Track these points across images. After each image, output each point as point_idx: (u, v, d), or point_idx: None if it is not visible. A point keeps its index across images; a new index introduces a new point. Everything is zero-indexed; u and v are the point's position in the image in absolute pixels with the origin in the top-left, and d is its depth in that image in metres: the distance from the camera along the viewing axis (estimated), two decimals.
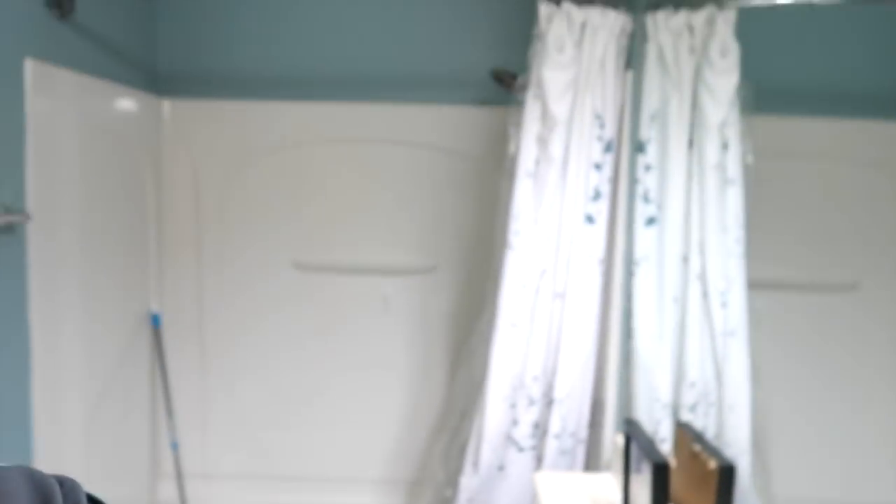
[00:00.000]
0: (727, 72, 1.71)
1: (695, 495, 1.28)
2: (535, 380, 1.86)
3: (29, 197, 1.72)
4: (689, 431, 1.35)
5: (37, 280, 1.75)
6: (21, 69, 1.69)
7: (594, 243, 1.82)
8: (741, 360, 1.75)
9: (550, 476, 1.79)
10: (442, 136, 2.46)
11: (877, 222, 2.40)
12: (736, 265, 1.76)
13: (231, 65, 2.46)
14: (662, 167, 1.76)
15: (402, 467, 2.59)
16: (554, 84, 1.77)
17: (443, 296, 2.53)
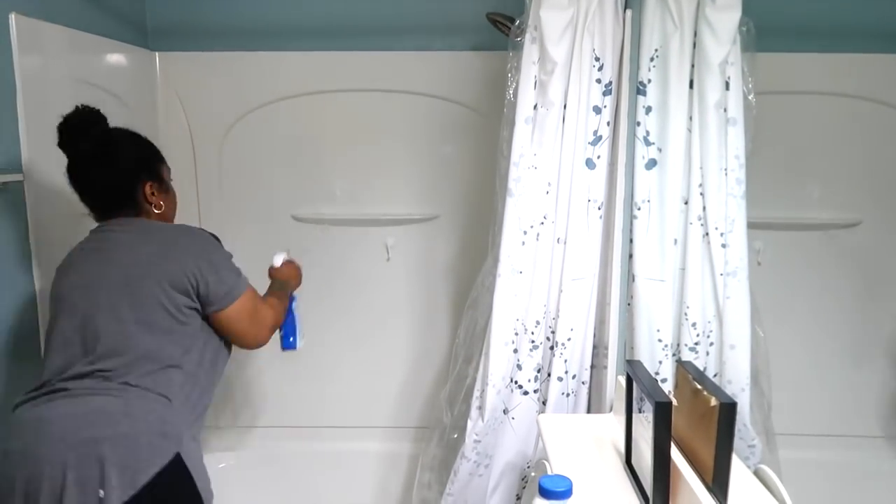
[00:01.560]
0: (729, 8, 1.67)
1: (697, 432, 1.30)
2: (538, 324, 1.88)
3: (24, 155, 1.71)
4: (690, 370, 1.37)
5: (36, 239, 1.76)
6: (6, 25, 1.66)
7: (594, 187, 1.82)
8: (741, 300, 1.76)
9: (554, 418, 1.82)
10: (439, 83, 2.43)
11: (879, 158, 2.39)
12: (736, 206, 1.75)
13: (222, 16, 2.41)
14: (663, 108, 1.74)
15: (408, 413, 2.64)
16: (552, 25, 1.73)
17: (445, 244, 2.54)
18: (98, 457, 1.28)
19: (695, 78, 1.73)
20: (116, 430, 1.31)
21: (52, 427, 1.31)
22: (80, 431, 1.30)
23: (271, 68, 2.43)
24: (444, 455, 2.10)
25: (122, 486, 1.27)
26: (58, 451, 1.28)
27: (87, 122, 1.53)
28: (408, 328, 2.62)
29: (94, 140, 1.52)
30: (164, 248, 1.50)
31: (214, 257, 1.54)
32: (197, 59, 2.43)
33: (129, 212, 1.57)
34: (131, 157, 1.58)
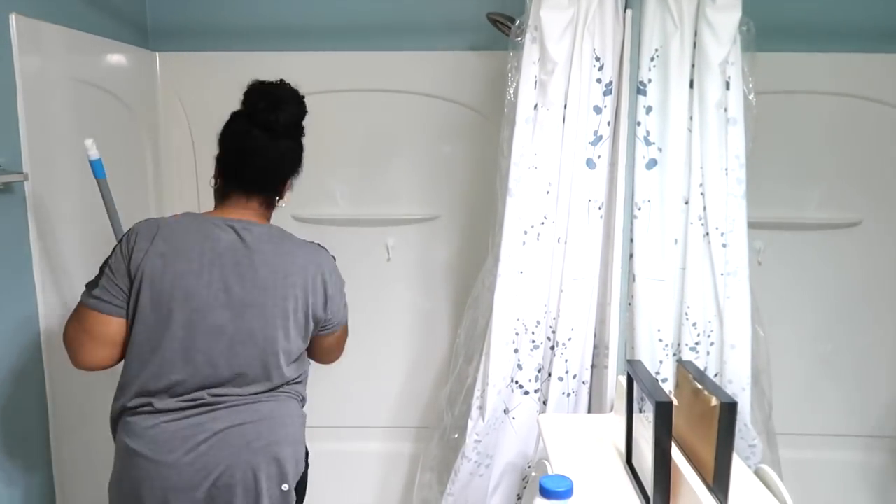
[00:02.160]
0: (729, 7, 1.67)
1: (697, 432, 1.30)
2: (538, 324, 1.88)
3: (25, 156, 1.71)
4: (690, 370, 1.37)
5: (38, 238, 1.76)
6: (7, 25, 1.66)
7: (595, 187, 1.82)
8: (742, 300, 1.76)
9: (555, 418, 1.82)
10: (439, 83, 2.43)
11: (879, 158, 2.39)
12: (737, 205, 1.75)
13: (223, 17, 2.41)
14: (663, 108, 1.74)
15: (408, 413, 2.64)
16: (552, 25, 1.74)
17: (445, 244, 2.54)
18: (279, 457, 1.42)
19: (695, 78, 1.74)
20: (287, 430, 1.46)
21: (231, 437, 1.39)
22: (261, 438, 1.41)
23: (272, 69, 2.41)
24: (445, 455, 2.10)
25: (294, 476, 1.45)
26: (245, 456, 1.39)
27: (290, 95, 1.51)
28: (408, 328, 2.61)
29: (292, 117, 1.50)
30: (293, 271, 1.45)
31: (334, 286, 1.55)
32: (197, 59, 2.43)
33: (272, 195, 1.52)
34: (300, 149, 1.56)
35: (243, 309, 1.39)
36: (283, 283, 1.42)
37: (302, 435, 1.52)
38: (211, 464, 1.37)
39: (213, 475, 1.37)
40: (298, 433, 1.50)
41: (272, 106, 1.47)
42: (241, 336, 1.39)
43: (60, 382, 1.85)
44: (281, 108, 1.47)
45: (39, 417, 1.80)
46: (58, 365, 1.84)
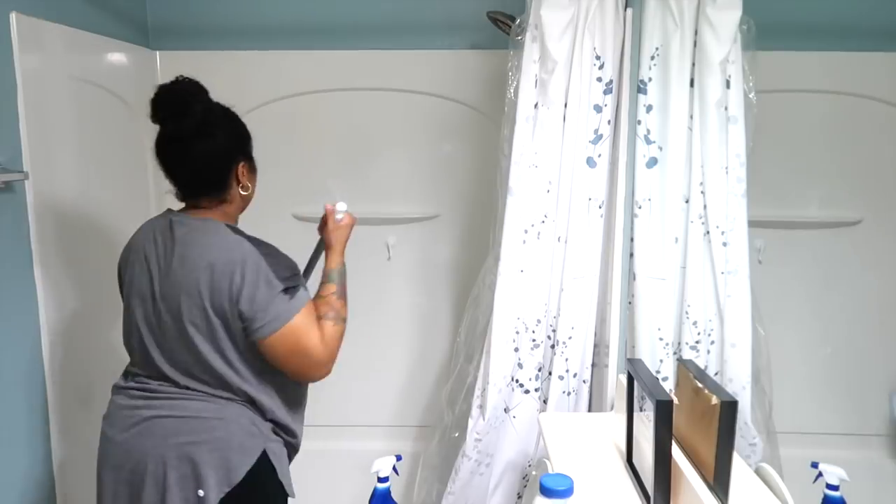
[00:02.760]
0: (730, 6, 1.67)
1: (698, 430, 1.30)
2: (539, 323, 1.88)
3: (25, 155, 1.71)
4: (691, 368, 1.37)
5: (39, 237, 1.76)
6: (7, 24, 1.66)
7: (595, 186, 1.82)
8: (742, 299, 1.76)
9: (555, 417, 1.83)
10: (439, 82, 2.43)
11: (879, 157, 2.39)
12: (737, 204, 1.75)
13: (223, 15, 2.42)
14: (664, 107, 1.74)
15: (409, 412, 2.64)
16: (552, 24, 1.74)
17: (446, 243, 2.54)
18: (194, 459, 1.38)
19: (695, 76, 1.74)
20: (213, 434, 1.40)
21: (154, 428, 1.41)
22: (180, 434, 1.39)
23: (272, 67, 2.43)
24: (446, 454, 2.10)
25: (219, 485, 1.38)
26: (160, 449, 1.39)
27: (190, 94, 1.44)
28: (409, 327, 2.61)
29: (198, 117, 1.43)
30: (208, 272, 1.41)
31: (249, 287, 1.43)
32: (198, 58, 2.43)
33: (218, 194, 1.48)
34: (231, 135, 1.49)
35: (161, 302, 1.43)
36: (189, 278, 1.39)
37: (245, 444, 1.42)
38: (135, 448, 1.41)
39: (133, 460, 1.41)
40: (234, 440, 1.41)
41: (175, 115, 1.43)
42: (164, 329, 1.43)
43: (60, 381, 1.86)
44: (184, 114, 1.43)
45: (40, 416, 1.80)
46: (58, 363, 1.85)
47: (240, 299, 1.37)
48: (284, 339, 1.41)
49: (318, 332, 1.45)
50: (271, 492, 1.48)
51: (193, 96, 1.45)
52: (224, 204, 1.50)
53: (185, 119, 1.42)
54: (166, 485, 1.37)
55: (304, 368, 1.47)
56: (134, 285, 1.48)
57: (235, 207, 1.53)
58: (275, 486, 1.48)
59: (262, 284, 1.38)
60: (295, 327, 1.41)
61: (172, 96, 1.44)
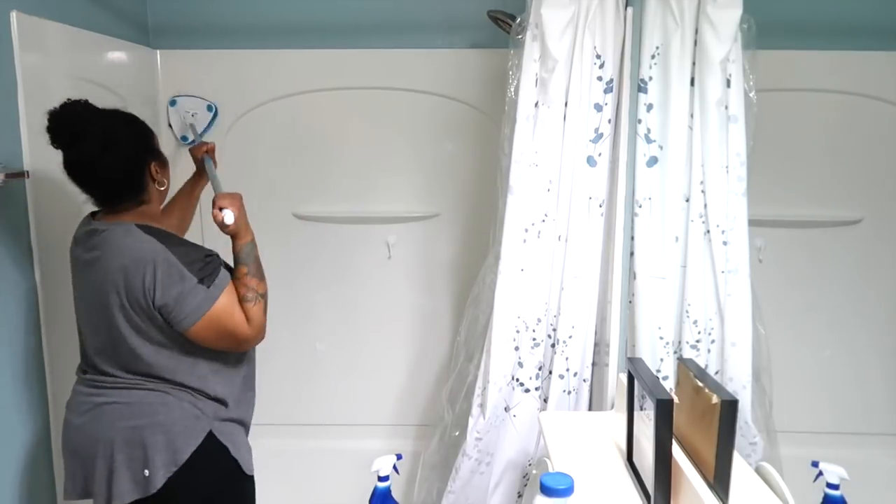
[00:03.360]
0: (730, 5, 1.67)
1: (698, 429, 1.30)
2: (539, 322, 1.88)
3: (25, 153, 1.71)
4: (691, 367, 1.37)
5: (39, 236, 1.76)
6: (8, 22, 1.66)
7: (596, 185, 1.82)
8: (743, 298, 1.76)
9: (555, 415, 1.82)
10: (440, 81, 2.43)
11: (880, 156, 2.39)
12: (737, 203, 1.75)
13: (224, 14, 2.42)
14: (664, 106, 1.74)
15: (409, 411, 2.64)
16: (553, 23, 1.73)
17: (446, 242, 2.54)
18: (141, 441, 1.47)
19: (696, 75, 1.73)
20: (156, 418, 1.48)
21: (104, 413, 1.51)
22: (127, 419, 1.49)
23: (272, 66, 2.43)
24: (446, 453, 2.10)
25: (166, 465, 1.47)
26: (109, 433, 1.48)
27: (81, 119, 1.46)
28: (409, 326, 2.61)
29: (96, 139, 1.46)
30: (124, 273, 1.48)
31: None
32: (198, 56, 2.43)
33: (135, 198, 1.53)
34: (133, 141, 1.52)
35: (91, 307, 1.53)
36: (108, 282, 1.47)
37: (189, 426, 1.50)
38: (88, 432, 1.51)
39: (86, 443, 1.51)
40: (178, 423, 1.49)
41: (72, 139, 1.46)
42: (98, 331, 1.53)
43: (61, 379, 1.85)
44: (81, 137, 1.46)
45: (40, 415, 1.80)
46: (58, 361, 1.85)
47: (155, 297, 1.44)
48: (208, 326, 1.48)
49: (240, 315, 1.52)
50: (227, 470, 1.57)
51: (85, 119, 1.48)
52: (143, 205, 1.56)
53: (83, 142, 1.45)
54: (114, 466, 1.47)
55: (234, 347, 1.56)
56: (76, 290, 1.59)
57: (155, 203, 1.60)
58: (229, 464, 1.56)
59: (176, 279, 1.45)
60: (216, 314, 1.48)
61: (65, 121, 1.47)
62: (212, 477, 1.54)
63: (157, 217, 1.61)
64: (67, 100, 1.49)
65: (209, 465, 1.52)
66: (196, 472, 1.49)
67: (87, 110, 1.49)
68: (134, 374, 1.51)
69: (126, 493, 1.47)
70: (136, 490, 1.47)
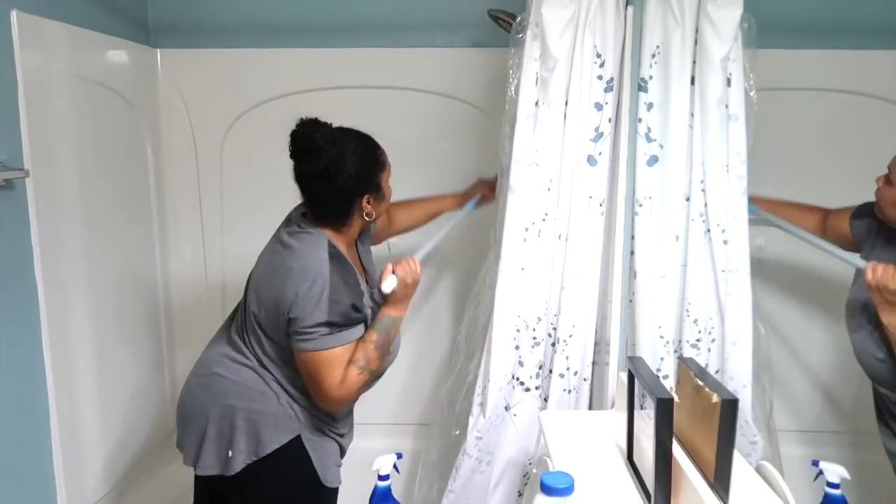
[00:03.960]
0: (730, 4, 1.67)
1: (698, 429, 1.30)
2: (539, 321, 1.88)
3: (26, 152, 1.71)
4: (691, 367, 1.37)
5: (39, 235, 1.76)
6: (8, 22, 1.66)
7: (596, 184, 1.82)
8: (743, 297, 1.76)
9: (556, 415, 1.82)
10: (440, 80, 2.43)
11: (880, 155, 2.38)
12: (738, 202, 1.75)
13: (224, 13, 2.42)
14: (664, 105, 1.74)
15: (409, 410, 2.64)
16: (553, 22, 1.73)
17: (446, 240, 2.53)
18: (232, 421, 1.54)
19: (696, 74, 1.73)
20: (251, 405, 1.54)
21: (212, 384, 1.59)
22: (228, 396, 1.56)
23: (273, 65, 2.43)
24: (446, 452, 2.10)
25: (248, 452, 1.53)
26: (209, 405, 1.57)
27: (317, 141, 1.53)
28: (409, 325, 2.60)
29: (322, 162, 1.53)
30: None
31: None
32: (199, 56, 2.43)
33: (337, 223, 1.61)
34: (354, 174, 1.57)
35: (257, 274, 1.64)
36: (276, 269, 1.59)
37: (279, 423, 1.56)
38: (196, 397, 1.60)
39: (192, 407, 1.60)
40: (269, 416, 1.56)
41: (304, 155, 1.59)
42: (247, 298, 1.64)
43: (62, 380, 1.86)
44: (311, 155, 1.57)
45: (41, 416, 1.80)
46: (59, 362, 1.85)
47: (292, 307, 1.49)
48: (306, 363, 1.52)
49: (340, 374, 1.53)
50: (303, 477, 1.59)
51: (320, 143, 1.53)
52: (344, 227, 1.63)
53: (312, 160, 1.54)
54: (206, 436, 1.54)
55: (314, 394, 1.57)
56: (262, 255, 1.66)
57: (356, 227, 1.66)
58: (307, 473, 1.59)
59: (314, 308, 1.48)
60: (318, 358, 1.51)
61: (302, 135, 1.54)
62: (288, 479, 1.57)
63: (354, 238, 1.68)
64: (314, 119, 1.56)
65: (289, 467, 1.56)
66: (275, 468, 1.54)
67: (327, 134, 1.54)
68: (251, 355, 1.58)
69: (209, 466, 1.54)
70: (217, 466, 1.54)
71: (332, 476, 1.65)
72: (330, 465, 1.64)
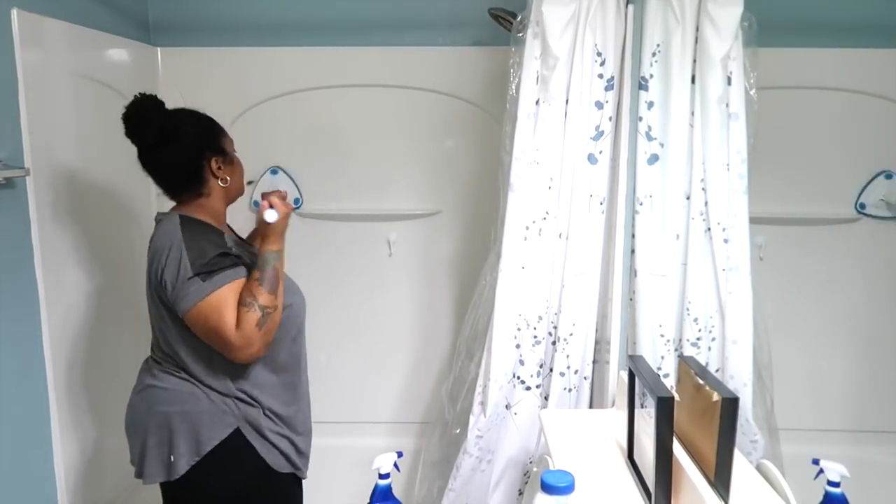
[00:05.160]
0: (731, 3, 1.67)
1: (699, 427, 1.30)
2: (540, 320, 1.88)
3: (26, 151, 1.71)
4: (692, 365, 1.37)
5: (40, 233, 1.76)
6: (8, 20, 1.66)
7: (596, 183, 1.82)
8: (744, 295, 1.76)
9: (556, 413, 1.83)
10: (441, 78, 2.42)
11: (880, 153, 2.39)
12: (738, 201, 1.75)
13: (224, 12, 2.42)
14: (665, 104, 1.74)
15: (410, 409, 2.64)
16: (554, 21, 1.73)
17: (447, 239, 2.54)
18: (169, 426, 1.54)
19: (696, 73, 1.73)
20: (184, 407, 1.54)
21: (147, 395, 1.59)
22: (161, 404, 1.56)
23: (273, 64, 2.43)
24: (447, 450, 2.10)
25: (189, 453, 1.53)
26: (146, 416, 1.57)
27: (147, 108, 1.55)
28: (410, 323, 2.62)
29: (157, 126, 1.54)
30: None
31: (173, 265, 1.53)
32: (199, 54, 2.43)
33: (194, 190, 1.60)
34: (193, 134, 1.60)
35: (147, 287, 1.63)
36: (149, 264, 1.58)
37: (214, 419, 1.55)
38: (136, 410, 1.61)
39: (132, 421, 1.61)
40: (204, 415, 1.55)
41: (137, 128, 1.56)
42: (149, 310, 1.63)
43: (63, 378, 1.86)
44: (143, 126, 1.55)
45: (42, 415, 1.80)
46: (60, 360, 1.85)
47: (163, 279, 1.50)
48: (196, 319, 1.49)
49: (231, 317, 1.48)
50: (250, 468, 1.59)
51: (150, 109, 1.55)
52: (202, 197, 1.61)
53: (148, 129, 1.54)
54: (147, 446, 1.55)
55: (220, 348, 1.52)
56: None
57: (217, 199, 1.64)
58: (254, 463, 1.59)
59: (178, 268, 1.49)
60: (203, 311, 1.48)
61: (131, 113, 1.55)
62: (237, 472, 1.57)
63: (218, 214, 1.65)
64: (137, 94, 1.56)
65: (234, 461, 1.57)
66: (220, 465, 1.54)
67: (153, 104, 1.57)
68: (171, 361, 1.58)
69: (154, 474, 1.55)
70: (162, 473, 1.54)
71: (283, 462, 1.63)
72: (277, 452, 1.62)
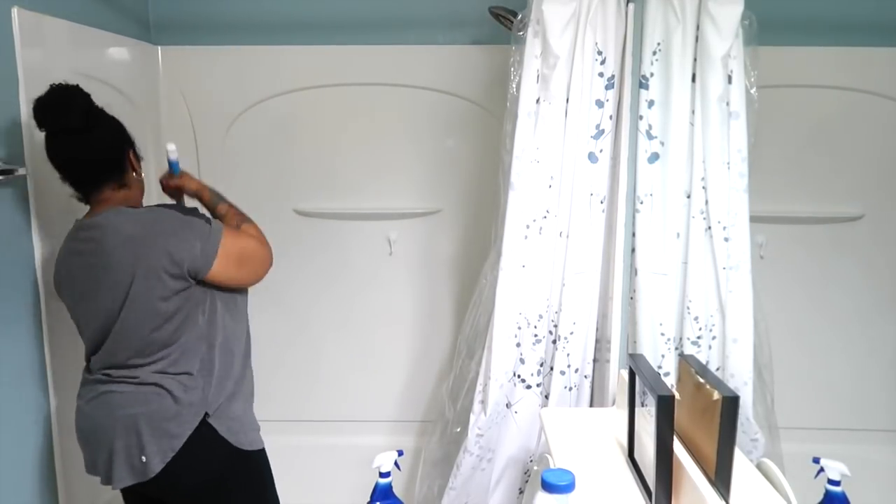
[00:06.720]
0: (731, 1, 1.67)
1: (699, 426, 1.31)
2: (540, 318, 1.88)
3: (27, 150, 1.71)
4: (692, 364, 1.37)
5: (40, 232, 1.76)
6: (9, 19, 1.66)
7: (597, 181, 1.82)
8: (744, 294, 1.76)
9: (557, 412, 1.83)
10: (441, 77, 2.42)
11: (881, 152, 2.38)
12: (739, 199, 1.75)
13: (225, 10, 2.41)
14: (665, 102, 1.74)
15: (411, 407, 2.65)
16: (554, 19, 1.73)
17: (447, 238, 2.54)
18: (136, 429, 1.52)
19: (697, 72, 1.73)
20: (148, 407, 1.53)
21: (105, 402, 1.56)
22: (124, 407, 1.54)
23: (274, 62, 2.43)
24: (447, 449, 2.10)
25: (162, 452, 1.51)
26: (108, 421, 1.54)
27: (71, 94, 1.52)
28: (410, 322, 2.62)
29: (83, 110, 1.51)
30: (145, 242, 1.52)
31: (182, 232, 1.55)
32: (199, 53, 2.43)
33: (119, 177, 1.58)
34: (114, 124, 1.59)
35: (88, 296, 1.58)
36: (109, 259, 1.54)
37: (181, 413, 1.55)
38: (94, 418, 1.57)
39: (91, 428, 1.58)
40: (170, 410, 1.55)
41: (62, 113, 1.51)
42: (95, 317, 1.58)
43: (63, 377, 1.86)
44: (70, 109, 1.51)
45: (42, 414, 1.80)
46: (61, 359, 1.85)
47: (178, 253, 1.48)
48: (230, 249, 1.55)
49: (245, 235, 1.64)
50: (221, 454, 1.59)
51: (72, 95, 1.53)
52: (125, 188, 1.60)
53: (72, 114, 1.50)
54: (113, 451, 1.53)
55: (257, 267, 1.63)
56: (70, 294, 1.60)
57: (135, 194, 1.64)
58: (223, 448, 1.58)
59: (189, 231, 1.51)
60: (229, 237, 1.56)
61: (54, 98, 1.50)
62: (212, 460, 1.58)
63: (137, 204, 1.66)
64: (53, 84, 1.52)
65: (205, 450, 1.57)
66: (195, 456, 1.54)
67: (76, 90, 1.54)
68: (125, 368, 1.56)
69: (124, 478, 1.53)
70: (133, 475, 1.53)
71: (246, 439, 1.64)
72: (238, 430, 1.62)
